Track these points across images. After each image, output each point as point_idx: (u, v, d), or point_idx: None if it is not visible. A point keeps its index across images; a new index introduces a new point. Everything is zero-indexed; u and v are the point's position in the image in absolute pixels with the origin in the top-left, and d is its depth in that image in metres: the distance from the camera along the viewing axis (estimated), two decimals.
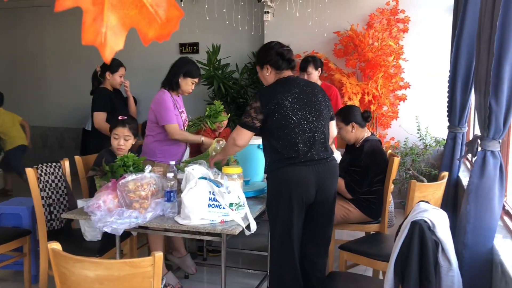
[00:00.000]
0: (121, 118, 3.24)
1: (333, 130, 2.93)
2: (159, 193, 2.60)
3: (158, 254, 1.65)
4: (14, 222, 3.52)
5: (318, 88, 2.81)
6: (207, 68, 6.03)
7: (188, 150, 3.65)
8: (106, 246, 3.02)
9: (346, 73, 5.50)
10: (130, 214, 2.43)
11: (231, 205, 2.46)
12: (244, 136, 2.69)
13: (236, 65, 6.52)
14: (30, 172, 3.02)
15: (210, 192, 2.46)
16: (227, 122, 4.18)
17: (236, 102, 6.31)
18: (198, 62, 4.80)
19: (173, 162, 2.86)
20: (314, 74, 4.36)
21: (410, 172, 5.18)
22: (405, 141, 5.52)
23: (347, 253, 3.08)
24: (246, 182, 3.09)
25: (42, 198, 3.07)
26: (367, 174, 3.38)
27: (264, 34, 6.09)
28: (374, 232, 3.54)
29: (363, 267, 3.55)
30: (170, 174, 2.58)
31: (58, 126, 7.89)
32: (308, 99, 2.68)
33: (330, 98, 4.31)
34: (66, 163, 3.34)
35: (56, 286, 1.77)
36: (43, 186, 3.10)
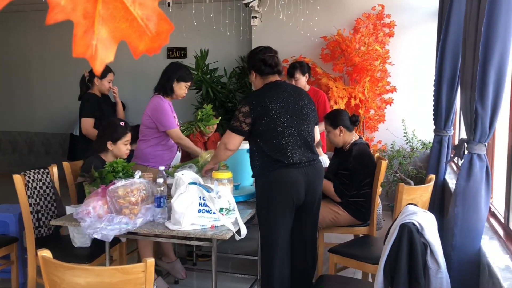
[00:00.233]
0: (122, 123, 3.26)
1: (317, 134, 3.00)
2: (149, 198, 2.59)
3: (150, 261, 1.65)
4: (1, 230, 3.48)
5: (304, 93, 2.88)
6: (195, 72, 6.03)
7: (179, 154, 3.65)
8: (95, 252, 3.00)
9: (333, 77, 5.54)
10: (120, 220, 2.43)
11: (222, 210, 2.46)
12: (234, 140, 2.71)
13: (224, 69, 6.53)
14: (17, 178, 2.99)
15: (200, 197, 2.46)
16: (216, 127, 4.19)
17: (224, 106, 6.31)
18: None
19: (162, 168, 2.86)
20: (301, 80, 4.39)
21: (398, 175, 5.23)
22: (392, 144, 5.57)
23: (337, 256, 3.10)
24: (236, 187, 3.10)
25: (30, 205, 3.04)
26: (356, 177, 3.41)
27: (251, 38, 6.12)
28: (363, 235, 3.56)
29: (353, 270, 3.57)
30: (160, 180, 2.57)
31: (44, 131, 7.82)
32: (295, 103, 2.73)
33: (318, 103, 4.38)
34: (54, 169, 3.32)
35: None
36: (31, 193, 3.07)
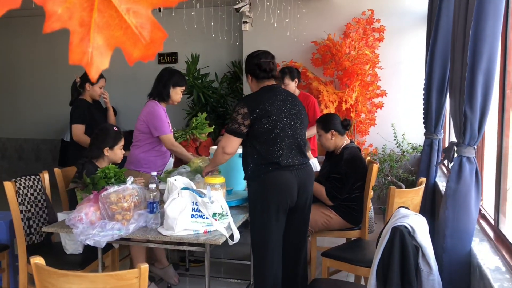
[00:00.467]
0: (115, 128, 3.28)
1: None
2: (142, 204, 2.59)
3: (144, 266, 1.65)
4: None
5: (297, 98, 2.94)
6: (187, 77, 6.03)
7: (171, 160, 3.66)
8: (87, 259, 2.98)
9: (324, 81, 5.57)
10: (113, 226, 2.42)
11: (214, 215, 2.46)
12: (232, 143, 2.73)
13: (215, 74, 6.55)
14: (8, 185, 2.97)
15: (193, 202, 2.47)
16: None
17: (216, 111, 6.33)
18: None
19: (155, 173, 2.85)
20: (291, 85, 4.41)
21: (389, 178, 5.26)
22: (383, 147, 5.61)
23: (330, 259, 3.11)
24: (228, 192, 3.10)
25: (21, 211, 3.02)
26: (347, 181, 3.43)
27: (242, 44, 6.14)
28: (355, 238, 3.58)
29: (345, 274, 3.59)
30: (152, 185, 2.57)
31: (34, 137, 7.77)
32: (291, 107, 2.78)
33: (308, 107, 4.41)
34: (46, 176, 3.30)
35: None
36: (22, 200, 3.05)
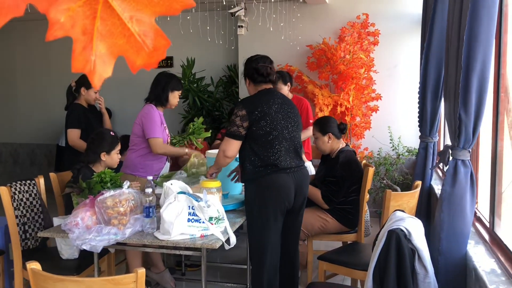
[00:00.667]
0: (111, 133, 3.29)
1: None
2: (138, 208, 2.59)
3: (141, 271, 1.65)
4: None
5: (292, 101, 2.99)
6: (182, 81, 6.03)
7: (168, 165, 3.65)
8: (83, 264, 2.97)
9: (319, 85, 5.59)
10: (109, 231, 2.42)
11: (211, 219, 2.47)
12: (232, 146, 2.74)
13: (211, 78, 6.55)
14: (3, 190, 2.96)
15: (189, 206, 2.47)
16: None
17: (211, 115, 6.33)
18: None
19: (151, 177, 2.85)
20: (284, 89, 4.41)
21: (384, 181, 5.28)
22: (378, 151, 5.63)
23: (326, 263, 3.12)
24: (224, 196, 3.10)
25: (17, 216, 3.01)
26: (343, 184, 3.44)
27: (238, 48, 6.15)
28: (351, 241, 3.59)
29: (342, 277, 3.59)
30: (149, 190, 2.57)
31: (29, 142, 7.74)
32: (288, 110, 2.82)
33: (301, 110, 4.42)
34: (41, 181, 3.29)
35: None
36: (17, 205, 3.04)
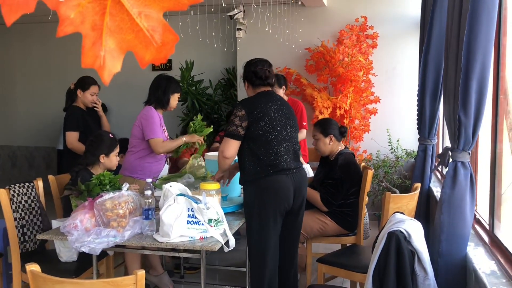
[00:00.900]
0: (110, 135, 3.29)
1: None
2: (137, 211, 2.58)
3: (140, 273, 1.65)
4: None
5: (289, 105, 3.00)
6: (181, 84, 6.04)
7: (167, 167, 3.65)
8: (82, 266, 2.96)
9: (317, 88, 5.60)
10: (108, 233, 2.41)
11: (210, 221, 2.46)
12: (230, 146, 2.73)
13: (209, 81, 6.56)
14: (2, 193, 2.95)
15: (188, 208, 2.46)
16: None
17: (210, 117, 6.33)
18: None
19: (149, 180, 2.85)
20: (279, 92, 4.41)
21: (383, 184, 5.28)
22: (377, 153, 5.63)
23: (325, 265, 3.11)
24: (223, 198, 3.10)
25: (15, 219, 3.00)
26: (342, 186, 3.44)
27: (237, 50, 6.16)
28: (350, 244, 3.59)
29: (341, 279, 3.59)
30: (148, 192, 2.56)
31: (27, 145, 7.72)
32: (287, 112, 2.84)
33: (296, 112, 4.43)
34: (40, 183, 3.28)
35: None
36: (16, 207, 3.03)
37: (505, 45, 2.51)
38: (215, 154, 3.28)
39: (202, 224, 2.45)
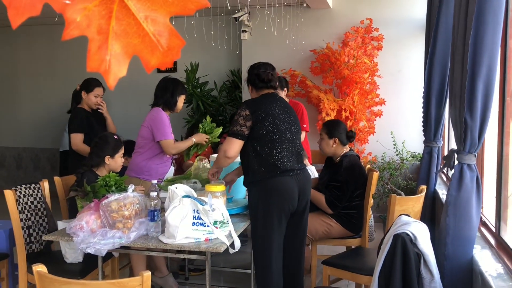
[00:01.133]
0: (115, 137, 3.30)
1: None
2: (143, 212, 2.59)
3: (147, 274, 1.65)
4: None
5: (291, 107, 3.02)
6: (186, 86, 6.05)
7: (172, 169, 3.66)
8: (87, 267, 2.97)
9: (323, 90, 5.59)
10: (114, 235, 2.41)
11: (215, 222, 2.46)
12: (234, 146, 2.73)
13: (214, 83, 6.57)
14: (8, 194, 2.96)
15: (194, 210, 2.46)
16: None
17: (215, 119, 6.32)
18: None
19: (155, 181, 2.85)
20: (281, 95, 4.41)
21: (389, 186, 5.27)
22: (382, 156, 5.62)
23: (330, 268, 3.10)
24: (229, 200, 3.10)
25: (21, 220, 3.01)
26: (347, 189, 3.43)
27: (242, 52, 6.16)
28: (356, 246, 3.58)
29: (346, 282, 3.58)
30: (153, 193, 2.57)
31: (33, 146, 7.76)
32: (290, 113, 2.86)
33: (297, 113, 4.42)
34: (46, 184, 3.30)
35: None
36: (22, 208, 3.04)
37: (511, 47, 2.50)
38: None
39: (208, 225, 2.45)
